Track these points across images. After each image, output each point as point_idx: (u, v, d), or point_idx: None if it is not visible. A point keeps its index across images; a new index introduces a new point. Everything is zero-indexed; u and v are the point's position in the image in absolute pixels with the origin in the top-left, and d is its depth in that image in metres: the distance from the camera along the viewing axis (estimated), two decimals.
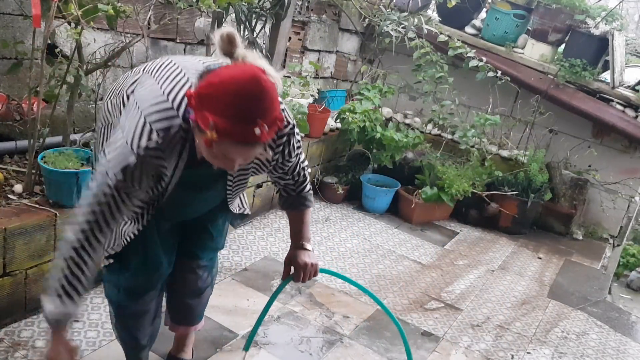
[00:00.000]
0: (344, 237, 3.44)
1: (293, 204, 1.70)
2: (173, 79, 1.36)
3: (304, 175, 1.69)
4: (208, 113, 1.15)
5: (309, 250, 1.71)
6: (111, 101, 1.53)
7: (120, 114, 1.42)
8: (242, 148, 1.20)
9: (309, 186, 1.71)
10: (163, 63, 1.45)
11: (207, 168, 1.35)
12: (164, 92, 1.33)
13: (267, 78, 1.17)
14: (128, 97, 1.43)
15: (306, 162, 1.69)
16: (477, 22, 4.63)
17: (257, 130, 1.15)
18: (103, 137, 1.56)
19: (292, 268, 1.71)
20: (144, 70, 1.49)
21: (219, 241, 1.87)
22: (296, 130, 1.50)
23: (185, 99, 1.27)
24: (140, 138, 1.26)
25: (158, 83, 1.36)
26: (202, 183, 1.53)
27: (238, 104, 1.14)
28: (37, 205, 2.15)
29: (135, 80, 1.46)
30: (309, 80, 3.78)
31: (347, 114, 3.81)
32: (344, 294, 2.80)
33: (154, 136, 1.27)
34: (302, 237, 1.71)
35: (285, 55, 4.07)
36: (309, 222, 1.74)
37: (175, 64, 1.42)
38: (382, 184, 4.01)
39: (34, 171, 2.28)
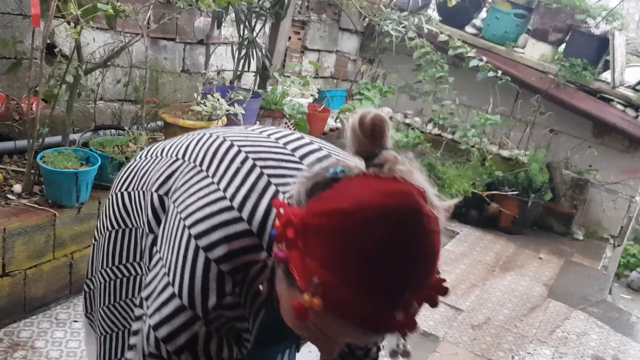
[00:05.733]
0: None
1: None
2: (245, 179, 0.83)
3: (379, 345, 1.13)
4: (315, 263, 0.66)
5: None
6: (129, 195, 1.00)
7: (148, 223, 0.92)
8: (362, 334, 0.69)
9: None
10: (215, 145, 0.91)
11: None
12: (232, 204, 0.80)
13: (433, 214, 0.69)
14: (161, 201, 0.91)
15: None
16: (477, 21, 4.62)
17: (400, 315, 0.66)
18: (109, 248, 1.03)
19: None
20: (183, 155, 0.93)
21: None
22: None
23: (271, 215, 0.79)
24: (206, 295, 0.78)
25: (218, 185, 0.83)
26: (275, 334, 0.97)
27: (379, 266, 0.64)
28: (36, 205, 2.15)
29: (172, 174, 0.92)
30: (308, 80, 3.78)
31: (347, 113, 3.81)
32: None
33: (228, 287, 0.78)
34: None
35: (285, 54, 4.06)
36: None
37: (237, 148, 0.89)
38: None
39: (33, 171, 2.27)
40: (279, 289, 0.76)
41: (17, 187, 2.26)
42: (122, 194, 1.02)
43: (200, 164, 0.88)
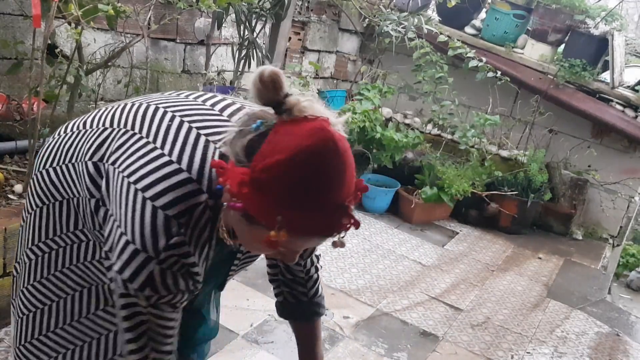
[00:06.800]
0: (343, 237, 3.43)
1: (304, 313, 1.31)
2: (176, 135, 0.95)
3: (317, 266, 1.30)
4: (274, 206, 0.82)
5: None
6: (55, 170, 1.07)
7: (87, 190, 1.01)
8: (320, 240, 0.90)
9: (321, 287, 1.32)
10: (142, 110, 1.01)
11: (219, 251, 1.02)
12: (172, 158, 0.92)
13: (342, 136, 0.84)
14: (96, 167, 1.00)
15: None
16: (477, 22, 4.63)
17: (345, 219, 0.86)
18: (39, 223, 1.10)
19: None
20: (111, 123, 1.03)
21: (215, 328, 1.42)
22: None
23: (207, 162, 0.93)
24: (156, 238, 0.90)
25: (155, 144, 0.94)
26: (210, 270, 1.08)
27: (321, 189, 0.82)
28: None
29: (103, 141, 1.01)
30: (308, 81, 3.79)
31: (347, 113, 3.81)
32: (344, 294, 2.80)
33: (175, 229, 0.90)
34: (317, 358, 1.34)
35: (285, 55, 4.07)
36: (321, 334, 1.35)
37: (162, 110, 1.00)
38: (382, 184, 4.01)
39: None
40: (236, 227, 0.93)
41: (18, 187, 2.27)
42: (47, 170, 1.08)
43: (132, 128, 0.99)
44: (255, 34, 3.28)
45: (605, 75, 4.20)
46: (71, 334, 1.13)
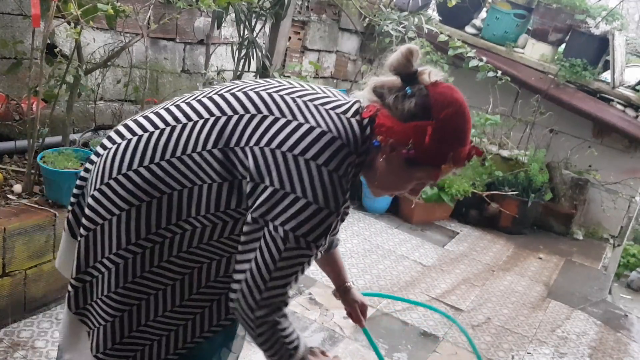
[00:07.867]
0: (344, 237, 3.43)
1: (331, 245, 1.55)
2: (308, 110, 1.10)
3: None
4: (449, 145, 1.07)
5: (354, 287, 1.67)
6: (159, 165, 1.09)
7: (218, 175, 1.08)
8: (463, 166, 1.16)
9: None
10: (262, 97, 1.12)
11: None
12: (323, 129, 1.07)
13: None
14: (224, 153, 1.07)
15: None
16: (477, 21, 4.62)
17: (473, 150, 1.15)
18: (136, 222, 1.10)
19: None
20: (221, 111, 1.11)
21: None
22: None
23: (347, 128, 1.09)
24: (336, 196, 1.06)
25: (297, 120, 1.08)
26: None
27: (469, 128, 1.12)
28: (36, 206, 2.15)
29: (222, 129, 1.09)
30: (308, 80, 3.78)
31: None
32: None
33: (345, 186, 1.08)
34: (346, 277, 1.63)
35: (285, 55, 4.06)
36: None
37: (287, 96, 1.12)
38: None
39: (33, 171, 2.27)
40: (388, 173, 1.13)
41: (17, 187, 2.26)
42: (135, 171, 1.09)
43: (258, 111, 1.10)
44: (255, 34, 3.27)
45: (606, 75, 4.19)
46: (167, 320, 1.19)
